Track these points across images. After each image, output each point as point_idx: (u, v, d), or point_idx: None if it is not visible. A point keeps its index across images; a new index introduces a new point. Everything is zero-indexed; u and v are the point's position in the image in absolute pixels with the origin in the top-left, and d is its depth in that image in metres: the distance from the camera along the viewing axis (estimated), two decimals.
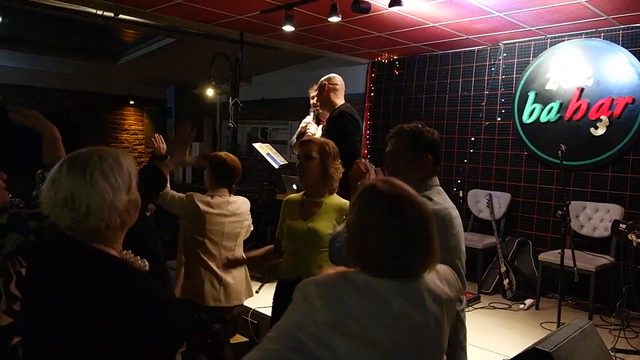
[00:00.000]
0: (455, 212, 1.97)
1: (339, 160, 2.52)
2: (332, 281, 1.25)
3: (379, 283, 1.21)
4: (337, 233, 1.81)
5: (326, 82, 3.67)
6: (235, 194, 3.04)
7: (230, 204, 2.95)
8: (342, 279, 1.24)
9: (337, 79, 3.73)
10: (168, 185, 2.89)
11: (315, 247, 2.38)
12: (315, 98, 4.04)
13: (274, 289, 2.63)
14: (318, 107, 4.11)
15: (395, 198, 1.25)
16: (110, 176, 1.17)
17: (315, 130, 4.36)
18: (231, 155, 3.02)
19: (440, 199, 1.98)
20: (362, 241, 1.24)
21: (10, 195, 1.87)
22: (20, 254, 1.73)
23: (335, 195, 2.52)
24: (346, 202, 2.41)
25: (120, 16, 4.81)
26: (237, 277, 2.92)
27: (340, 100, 3.70)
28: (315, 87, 3.89)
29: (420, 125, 2.08)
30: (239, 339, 2.95)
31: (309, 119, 4.52)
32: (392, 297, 1.21)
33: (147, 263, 1.30)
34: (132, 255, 1.27)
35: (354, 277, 1.23)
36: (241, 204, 3.03)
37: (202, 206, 2.84)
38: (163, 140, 2.86)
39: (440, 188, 2.06)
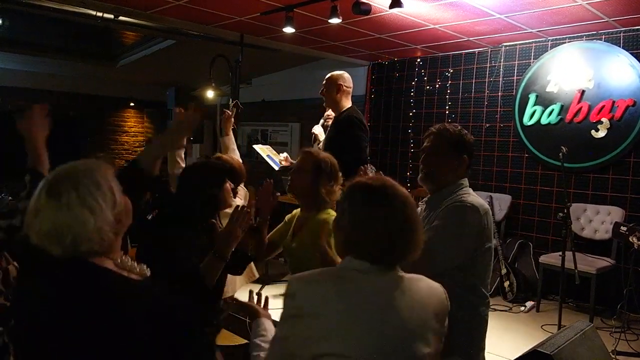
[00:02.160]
0: (486, 216, 1.98)
1: (337, 183, 2.28)
2: (320, 276, 1.28)
3: (367, 273, 1.24)
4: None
5: (342, 84, 3.50)
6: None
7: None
8: (330, 273, 1.28)
9: (350, 80, 3.58)
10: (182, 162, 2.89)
11: (306, 267, 2.20)
12: (320, 92, 3.88)
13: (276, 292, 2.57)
14: (329, 119, 4.01)
15: (381, 188, 1.28)
16: (89, 200, 1.14)
17: (319, 131, 4.37)
18: (234, 158, 3.01)
19: (476, 197, 2.04)
20: (352, 232, 1.27)
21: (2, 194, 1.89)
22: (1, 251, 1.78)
23: (328, 211, 2.26)
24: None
25: (120, 18, 4.81)
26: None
27: (348, 102, 3.57)
28: (323, 83, 3.72)
29: (460, 127, 2.11)
30: (236, 340, 2.89)
31: (318, 129, 4.49)
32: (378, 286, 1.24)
33: (146, 268, 1.27)
34: (130, 260, 1.25)
35: (347, 273, 1.26)
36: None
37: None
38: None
39: (471, 189, 2.10)
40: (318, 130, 4.53)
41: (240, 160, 3.06)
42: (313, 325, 1.18)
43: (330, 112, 3.99)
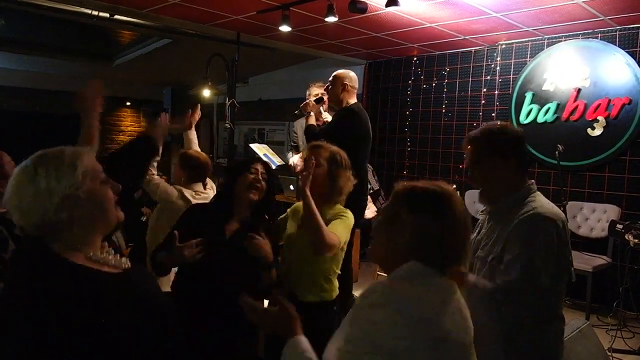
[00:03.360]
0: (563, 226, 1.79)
1: (351, 171, 2.32)
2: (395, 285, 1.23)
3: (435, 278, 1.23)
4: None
5: (347, 83, 3.48)
6: None
7: (209, 197, 3.05)
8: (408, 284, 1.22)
9: (355, 80, 3.57)
10: (155, 170, 3.00)
11: (305, 257, 2.19)
12: (324, 89, 3.80)
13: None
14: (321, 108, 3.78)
15: (446, 195, 1.26)
16: (50, 179, 1.17)
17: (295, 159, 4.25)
18: (201, 152, 3.27)
19: (548, 205, 1.82)
20: (420, 237, 1.23)
21: None
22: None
23: (339, 205, 2.30)
24: (346, 211, 2.28)
25: (116, 17, 4.79)
26: None
27: (352, 100, 3.55)
28: (329, 80, 3.63)
29: (499, 125, 1.91)
30: None
31: (296, 159, 4.28)
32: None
33: (125, 261, 1.27)
34: (109, 252, 1.25)
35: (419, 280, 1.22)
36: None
37: (192, 200, 2.97)
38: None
39: (540, 195, 1.87)
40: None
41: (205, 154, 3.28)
42: (402, 337, 1.12)
43: (311, 101, 3.78)
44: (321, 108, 3.77)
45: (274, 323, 1.31)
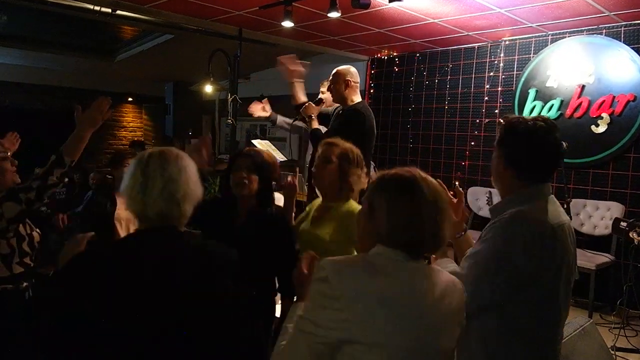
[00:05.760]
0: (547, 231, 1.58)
1: (364, 169, 2.31)
2: (359, 263, 1.27)
3: (400, 262, 1.24)
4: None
5: (349, 79, 3.40)
6: None
7: None
8: (367, 261, 1.26)
9: (357, 75, 3.49)
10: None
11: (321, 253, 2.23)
12: (326, 88, 3.70)
13: None
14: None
15: (415, 179, 1.27)
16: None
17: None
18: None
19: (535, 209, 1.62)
20: (387, 221, 1.25)
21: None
22: (22, 220, 2.17)
23: (351, 201, 2.27)
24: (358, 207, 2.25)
25: (118, 12, 4.79)
26: None
27: (357, 97, 3.47)
28: (330, 78, 3.61)
29: (511, 117, 1.72)
30: None
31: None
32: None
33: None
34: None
35: (377, 260, 1.25)
36: None
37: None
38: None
39: (550, 199, 1.68)
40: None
41: None
42: (344, 310, 1.16)
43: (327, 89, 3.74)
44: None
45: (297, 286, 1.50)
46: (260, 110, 4.06)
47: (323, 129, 3.60)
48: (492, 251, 1.57)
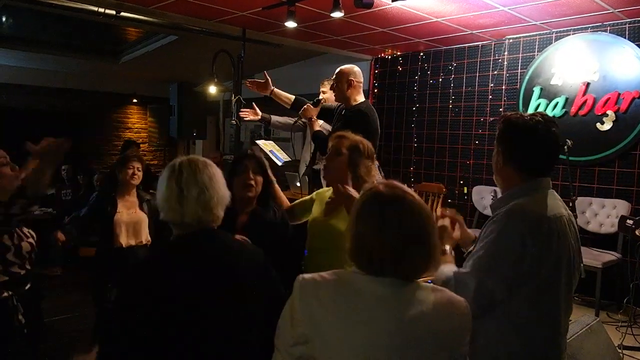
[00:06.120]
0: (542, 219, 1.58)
1: (374, 162, 2.34)
2: (330, 281, 1.25)
3: (376, 284, 1.21)
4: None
5: (352, 79, 3.39)
6: None
7: None
8: (338, 279, 1.25)
9: (360, 74, 3.48)
10: None
11: (328, 246, 2.22)
12: (330, 87, 3.73)
13: None
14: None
15: (392, 198, 1.22)
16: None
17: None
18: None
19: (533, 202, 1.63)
20: (360, 242, 1.23)
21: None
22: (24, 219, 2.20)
23: None
24: None
25: (122, 14, 4.80)
26: None
27: (360, 97, 3.46)
28: (332, 77, 3.54)
29: (511, 114, 1.72)
30: None
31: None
32: (388, 298, 1.19)
33: None
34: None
35: (351, 278, 1.24)
36: None
37: None
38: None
39: (550, 194, 1.67)
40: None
41: None
42: (306, 328, 1.20)
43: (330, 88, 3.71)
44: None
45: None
46: (251, 114, 4.26)
47: (325, 127, 3.61)
48: (492, 248, 1.57)
